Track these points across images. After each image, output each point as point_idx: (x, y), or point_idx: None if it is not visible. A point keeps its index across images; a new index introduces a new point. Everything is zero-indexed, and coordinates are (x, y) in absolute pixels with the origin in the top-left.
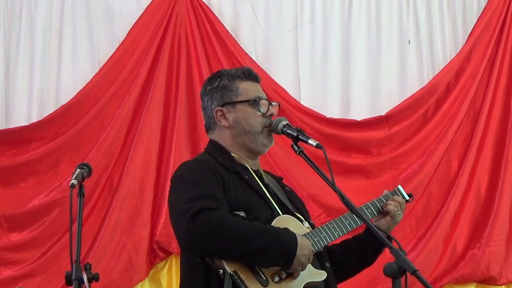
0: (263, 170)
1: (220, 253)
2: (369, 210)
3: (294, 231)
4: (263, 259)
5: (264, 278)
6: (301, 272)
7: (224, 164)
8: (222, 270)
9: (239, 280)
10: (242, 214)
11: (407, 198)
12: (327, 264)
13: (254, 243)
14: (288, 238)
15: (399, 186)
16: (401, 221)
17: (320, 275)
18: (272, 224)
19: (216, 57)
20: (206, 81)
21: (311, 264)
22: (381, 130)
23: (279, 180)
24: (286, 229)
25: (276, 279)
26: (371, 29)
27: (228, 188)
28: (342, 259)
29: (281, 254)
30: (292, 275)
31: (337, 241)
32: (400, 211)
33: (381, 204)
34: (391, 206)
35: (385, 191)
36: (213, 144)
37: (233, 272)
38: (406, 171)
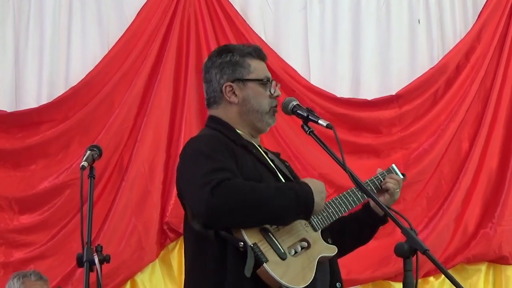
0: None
1: (243, 220)
2: (368, 188)
3: None
4: (286, 216)
5: (283, 251)
6: (315, 247)
7: (232, 138)
8: (242, 243)
9: (260, 253)
10: None
11: (401, 176)
12: (329, 241)
13: (275, 202)
14: (304, 189)
15: (393, 165)
16: (412, 200)
17: (332, 250)
18: None
19: (225, 38)
20: (214, 54)
21: (323, 239)
22: (392, 110)
23: (278, 156)
24: (297, 182)
25: (293, 252)
26: (381, 9)
27: (241, 162)
28: (338, 237)
29: (302, 207)
30: (306, 248)
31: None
32: (398, 189)
33: (379, 182)
34: (390, 184)
35: (379, 169)
36: (214, 119)
37: (253, 244)
38: (417, 151)
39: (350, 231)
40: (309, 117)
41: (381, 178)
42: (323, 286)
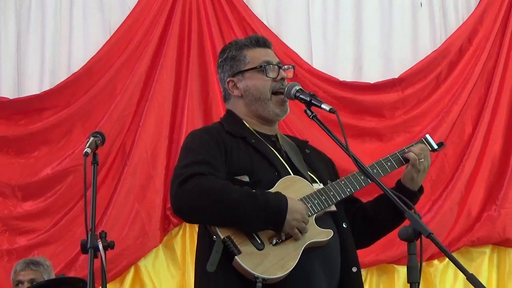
0: (284, 134)
1: (208, 218)
2: (388, 164)
3: (297, 192)
4: (251, 224)
5: (260, 242)
6: (305, 233)
7: (230, 131)
8: (215, 236)
9: (232, 245)
10: (245, 178)
11: (435, 147)
12: (344, 225)
13: (241, 207)
14: (277, 203)
15: (427, 135)
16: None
17: (326, 234)
18: (276, 184)
19: (227, 23)
20: (219, 54)
21: (317, 225)
22: (394, 93)
23: (301, 143)
24: (277, 193)
25: (275, 241)
26: None
27: (231, 154)
28: (374, 214)
29: (269, 218)
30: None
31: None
32: (422, 159)
33: (402, 154)
34: (411, 154)
35: (413, 143)
36: (228, 113)
37: (226, 237)
38: (419, 134)
39: (385, 207)
40: (312, 101)
41: (406, 150)
42: (325, 271)
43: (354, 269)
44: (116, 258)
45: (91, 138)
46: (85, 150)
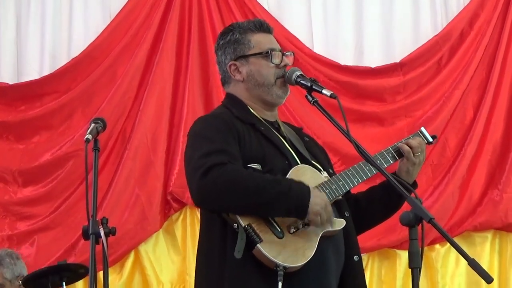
0: (282, 122)
1: (232, 206)
2: (389, 155)
3: (310, 181)
4: (275, 210)
5: (280, 230)
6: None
7: (240, 117)
8: (236, 224)
9: (253, 233)
10: (257, 166)
11: (430, 140)
12: (347, 214)
13: (266, 194)
14: (300, 189)
15: (422, 128)
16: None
17: (339, 224)
18: (288, 174)
19: (228, 7)
20: (219, 36)
21: (340, 212)
22: (395, 78)
23: (298, 130)
24: (299, 182)
25: (292, 230)
26: None
27: (243, 141)
28: (367, 205)
29: (293, 204)
30: (309, 225)
31: (364, 188)
32: (418, 152)
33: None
34: (405, 146)
35: (410, 136)
36: (229, 97)
37: (247, 225)
38: (421, 119)
39: (379, 198)
40: (313, 87)
41: (403, 142)
42: (336, 260)
43: (356, 258)
44: (116, 243)
45: (92, 124)
46: (86, 136)
